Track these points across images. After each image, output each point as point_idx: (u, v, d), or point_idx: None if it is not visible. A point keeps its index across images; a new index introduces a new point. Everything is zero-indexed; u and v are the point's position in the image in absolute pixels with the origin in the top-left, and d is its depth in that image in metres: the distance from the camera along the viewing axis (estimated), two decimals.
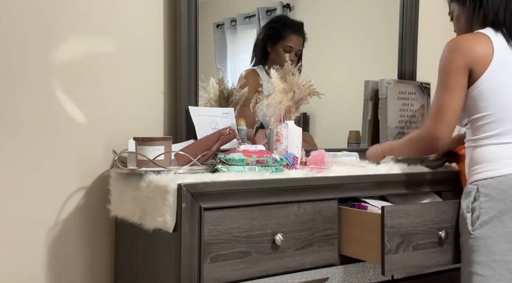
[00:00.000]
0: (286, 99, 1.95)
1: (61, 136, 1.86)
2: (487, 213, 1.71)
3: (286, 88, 1.95)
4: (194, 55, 2.01)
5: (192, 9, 2.00)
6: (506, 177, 1.71)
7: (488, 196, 1.72)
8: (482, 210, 1.72)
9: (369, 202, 1.83)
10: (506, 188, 1.70)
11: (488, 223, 1.71)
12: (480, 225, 1.72)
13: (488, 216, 1.71)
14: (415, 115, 2.43)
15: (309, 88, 1.98)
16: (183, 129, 1.99)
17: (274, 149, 1.91)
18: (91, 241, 1.92)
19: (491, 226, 1.70)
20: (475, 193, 1.74)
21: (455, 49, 1.77)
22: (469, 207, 1.75)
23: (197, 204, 1.53)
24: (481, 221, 1.72)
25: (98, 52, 1.92)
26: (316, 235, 1.74)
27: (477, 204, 1.73)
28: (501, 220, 1.69)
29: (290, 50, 2.33)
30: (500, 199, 1.70)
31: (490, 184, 1.72)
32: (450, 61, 1.76)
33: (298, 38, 2.40)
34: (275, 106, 1.95)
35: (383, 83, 2.38)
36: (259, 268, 1.63)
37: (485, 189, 1.73)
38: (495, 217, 1.70)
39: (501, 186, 1.71)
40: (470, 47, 1.75)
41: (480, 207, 1.72)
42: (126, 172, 1.72)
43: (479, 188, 1.74)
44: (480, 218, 1.72)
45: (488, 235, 1.70)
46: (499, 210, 1.70)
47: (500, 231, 1.69)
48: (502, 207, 1.70)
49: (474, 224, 1.73)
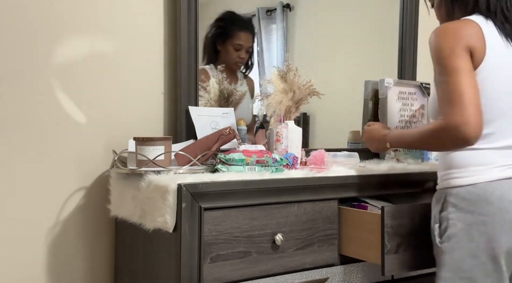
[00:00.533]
0: (286, 99, 1.95)
1: (61, 136, 1.86)
2: (455, 225, 1.53)
3: (286, 88, 1.96)
4: (194, 55, 2.01)
5: (192, 9, 2.00)
6: (475, 187, 1.52)
7: (456, 207, 1.54)
8: (450, 221, 1.55)
9: (369, 202, 1.83)
10: (474, 199, 1.52)
11: (455, 236, 1.53)
12: (447, 237, 1.55)
13: (456, 229, 1.53)
14: (415, 115, 2.43)
15: (309, 88, 1.98)
16: (183, 129, 1.99)
17: (274, 149, 1.91)
18: (91, 241, 1.92)
19: (458, 240, 1.53)
20: (443, 202, 1.57)
21: (447, 34, 1.54)
22: (435, 217, 1.60)
23: (197, 204, 1.53)
24: (448, 233, 1.55)
25: (98, 52, 1.92)
26: (316, 235, 1.74)
27: (445, 215, 1.56)
28: (468, 233, 1.52)
29: (240, 48, 2.28)
30: (468, 211, 1.52)
31: (459, 193, 1.54)
32: (448, 45, 1.52)
33: (247, 34, 2.34)
34: (275, 106, 1.95)
35: (383, 83, 2.38)
36: (259, 268, 1.63)
37: (453, 198, 1.55)
38: (462, 230, 1.52)
39: (469, 197, 1.52)
40: (464, 31, 1.53)
41: (448, 218, 1.55)
42: (126, 172, 1.72)
43: (447, 196, 1.57)
44: (448, 230, 1.55)
45: (455, 249, 1.54)
46: (467, 223, 1.52)
47: (467, 245, 1.52)
48: (470, 220, 1.52)
49: (442, 237, 1.57)
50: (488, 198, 1.51)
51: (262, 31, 2.48)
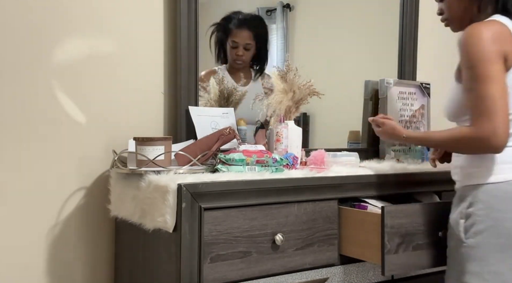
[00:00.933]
0: (286, 99, 1.95)
1: (61, 136, 1.86)
2: (483, 222, 1.57)
3: (286, 88, 1.96)
4: (194, 55, 2.01)
5: (192, 9, 2.00)
6: (507, 184, 1.56)
7: (485, 203, 1.57)
8: (478, 218, 1.57)
9: (369, 202, 1.83)
10: (504, 196, 1.56)
11: (483, 232, 1.56)
12: (474, 233, 1.57)
13: (484, 225, 1.56)
14: (415, 115, 2.43)
15: (309, 88, 1.98)
16: (183, 129, 1.99)
17: (274, 149, 1.91)
18: (91, 241, 1.92)
19: (486, 236, 1.56)
20: (471, 198, 1.59)
21: (483, 38, 1.53)
22: (463, 213, 1.61)
23: (197, 204, 1.53)
24: (475, 229, 1.57)
25: (98, 52, 1.92)
26: (316, 235, 1.74)
27: (472, 211, 1.58)
28: (497, 230, 1.55)
29: (235, 45, 2.27)
30: (498, 208, 1.56)
31: (488, 190, 1.57)
32: (481, 49, 1.52)
33: (243, 31, 2.30)
34: (275, 106, 1.95)
35: (383, 83, 2.38)
36: (259, 268, 1.63)
37: (483, 195, 1.57)
38: (490, 226, 1.56)
39: (499, 194, 1.56)
40: (496, 34, 1.54)
41: (476, 214, 1.57)
42: (126, 172, 1.72)
43: (476, 193, 1.59)
44: (474, 226, 1.58)
45: (482, 245, 1.56)
46: (497, 219, 1.55)
47: (494, 241, 1.56)
48: (500, 216, 1.55)
49: (468, 232, 1.59)
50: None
51: None
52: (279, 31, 2.49)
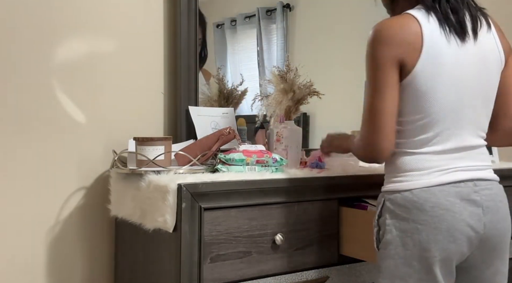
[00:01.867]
0: (286, 99, 1.95)
1: (61, 136, 1.86)
2: (391, 232, 1.48)
3: (286, 88, 1.95)
4: (194, 55, 2.01)
5: (192, 9, 2.00)
6: (411, 193, 1.46)
7: (392, 213, 1.49)
8: (387, 227, 1.49)
9: (369, 202, 1.83)
10: (409, 206, 1.46)
11: (391, 243, 1.48)
12: (384, 244, 1.50)
13: (391, 236, 1.48)
14: None
15: (309, 88, 1.98)
16: (183, 129, 1.99)
17: (274, 149, 1.91)
18: (91, 241, 1.92)
19: (393, 247, 1.48)
20: (382, 207, 1.52)
21: (380, 40, 1.45)
22: (375, 222, 1.54)
23: (197, 204, 1.53)
24: (385, 240, 1.50)
25: (98, 52, 1.92)
26: (316, 235, 1.74)
27: (382, 220, 1.51)
28: (403, 241, 1.46)
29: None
30: (403, 218, 1.46)
31: (396, 199, 1.48)
32: (377, 54, 1.45)
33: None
34: (275, 106, 1.95)
35: None
36: (259, 268, 1.63)
37: (391, 204, 1.49)
38: (398, 237, 1.47)
39: (405, 203, 1.46)
40: (399, 36, 1.44)
41: (385, 224, 1.50)
42: (126, 172, 1.72)
43: (385, 202, 1.51)
44: (384, 237, 1.50)
45: (391, 256, 1.48)
46: (402, 230, 1.47)
47: (401, 253, 1.46)
48: (405, 227, 1.46)
49: (380, 242, 1.52)
50: (423, 206, 1.45)
51: (262, 31, 2.48)
52: (279, 31, 2.49)
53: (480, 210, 1.46)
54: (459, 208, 1.44)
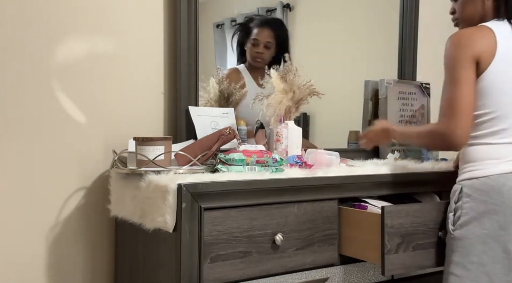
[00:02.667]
0: (286, 99, 1.95)
1: (61, 136, 1.86)
2: (468, 214, 1.68)
3: (286, 88, 1.95)
4: (194, 55, 2.01)
5: (192, 9, 2.00)
6: (489, 178, 1.67)
7: (470, 197, 1.69)
8: (463, 210, 1.69)
9: (369, 202, 1.83)
10: (487, 189, 1.66)
11: (467, 224, 1.68)
12: (460, 225, 1.69)
13: (468, 217, 1.68)
14: (415, 115, 2.44)
15: (309, 88, 1.98)
16: (183, 129, 1.99)
17: (274, 149, 1.91)
18: (91, 241, 1.92)
19: (470, 227, 1.67)
20: (459, 193, 1.72)
21: (459, 43, 1.70)
22: (451, 207, 1.73)
23: (197, 204, 1.53)
24: (461, 222, 1.69)
25: (98, 52, 1.92)
26: (316, 235, 1.74)
27: (460, 204, 1.71)
28: (480, 221, 1.66)
29: (256, 43, 2.33)
30: (481, 201, 1.66)
31: (473, 184, 1.69)
32: (456, 54, 1.69)
33: (265, 30, 2.36)
34: (275, 106, 1.95)
35: (383, 83, 2.38)
36: (259, 268, 1.63)
37: (468, 189, 1.70)
38: (474, 218, 1.67)
39: (483, 187, 1.67)
40: (475, 40, 1.69)
41: (462, 207, 1.69)
42: (126, 172, 1.72)
43: (463, 188, 1.71)
44: (461, 219, 1.69)
45: (467, 236, 1.67)
46: (479, 212, 1.66)
47: (478, 232, 1.66)
48: (483, 209, 1.66)
49: (455, 224, 1.71)
50: (500, 189, 1.64)
51: None
52: None
53: None
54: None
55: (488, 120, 1.70)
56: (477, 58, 1.67)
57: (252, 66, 2.33)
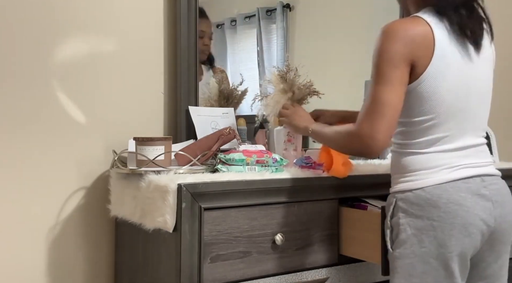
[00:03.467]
0: (285, 99, 1.94)
1: (61, 136, 1.86)
2: (405, 231, 1.50)
3: (286, 88, 1.95)
4: (194, 55, 2.01)
5: (192, 9, 2.00)
6: (423, 191, 1.48)
7: (406, 212, 1.50)
8: (401, 227, 1.51)
9: (369, 202, 1.83)
10: (422, 203, 1.48)
11: (405, 242, 1.50)
12: (398, 243, 1.52)
13: (406, 235, 1.50)
14: None
15: (309, 88, 1.97)
16: (183, 129, 1.99)
17: (284, 150, 1.89)
18: (91, 241, 1.92)
19: (409, 246, 1.49)
20: (394, 207, 1.54)
21: (394, 37, 1.46)
22: (387, 223, 1.56)
23: (197, 204, 1.53)
24: (399, 240, 1.51)
25: (98, 52, 1.92)
26: (316, 235, 1.74)
27: (395, 220, 1.53)
28: (418, 239, 1.48)
29: (202, 35, 2.16)
30: (417, 216, 1.48)
31: (408, 198, 1.50)
32: (388, 50, 1.45)
33: (207, 21, 2.22)
34: (273, 106, 1.95)
35: None
36: (259, 268, 1.63)
37: (403, 203, 1.51)
38: (413, 235, 1.49)
39: (418, 201, 1.49)
40: (411, 38, 1.46)
41: (399, 223, 1.51)
42: (126, 172, 1.72)
43: (397, 201, 1.53)
44: (398, 236, 1.52)
45: (406, 255, 1.49)
46: (417, 228, 1.48)
47: (417, 251, 1.48)
48: (420, 225, 1.48)
49: (394, 242, 1.54)
50: (436, 202, 1.47)
51: (262, 31, 2.48)
52: (279, 31, 2.49)
53: (490, 204, 1.50)
54: (471, 202, 1.48)
55: (425, 128, 1.51)
56: (412, 60, 1.45)
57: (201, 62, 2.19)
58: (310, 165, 1.79)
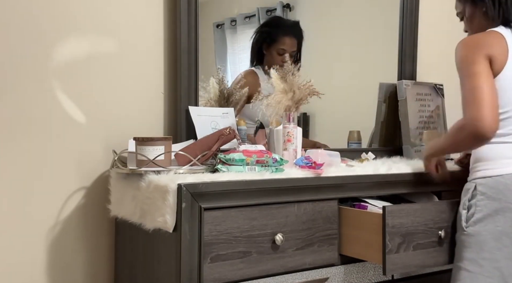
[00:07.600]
0: (286, 99, 1.94)
1: (61, 136, 1.86)
2: (482, 211, 1.72)
3: (286, 88, 1.95)
4: (194, 55, 2.01)
5: (192, 9, 2.00)
6: (503, 177, 1.71)
7: (484, 195, 1.73)
8: (477, 208, 1.73)
9: (369, 202, 1.83)
10: (501, 187, 1.71)
11: (481, 221, 1.72)
12: (473, 222, 1.73)
13: (482, 214, 1.72)
14: (432, 116, 2.46)
15: (309, 88, 1.97)
16: (183, 129, 1.99)
17: (284, 150, 1.89)
18: (91, 241, 1.92)
19: (484, 224, 1.72)
20: (473, 191, 1.75)
21: (471, 45, 1.74)
22: (465, 204, 1.77)
23: (197, 204, 1.53)
24: (475, 219, 1.73)
25: (98, 52, 1.92)
26: (316, 235, 1.74)
27: (474, 202, 1.74)
28: (494, 219, 1.71)
29: (283, 52, 2.32)
30: (495, 198, 1.71)
31: (487, 183, 1.73)
32: (468, 54, 1.72)
33: (291, 39, 2.38)
34: (274, 106, 1.95)
35: (402, 85, 2.40)
36: (259, 268, 1.63)
37: (482, 187, 1.74)
38: (489, 216, 1.72)
39: (497, 186, 1.72)
40: (486, 41, 1.73)
41: (476, 205, 1.73)
42: (126, 172, 1.72)
43: (477, 186, 1.75)
44: (474, 216, 1.73)
45: (480, 233, 1.72)
46: (493, 209, 1.71)
47: (492, 229, 1.71)
48: (497, 206, 1.71)
49: (468, 221, 1.75)
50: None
51: None
52: None
53: None
54: None
55: (503, 120, 1.71)
56: (490, 58, 1.69)
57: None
58: (310, 165, 1.79)
